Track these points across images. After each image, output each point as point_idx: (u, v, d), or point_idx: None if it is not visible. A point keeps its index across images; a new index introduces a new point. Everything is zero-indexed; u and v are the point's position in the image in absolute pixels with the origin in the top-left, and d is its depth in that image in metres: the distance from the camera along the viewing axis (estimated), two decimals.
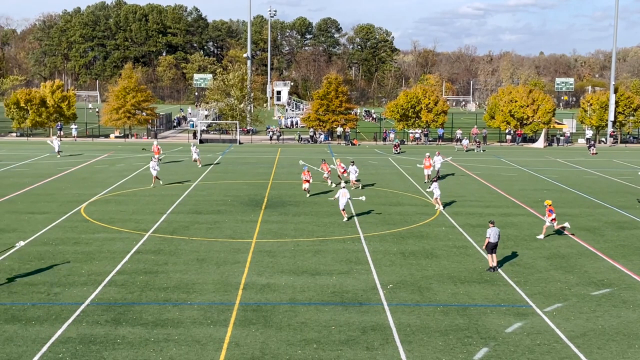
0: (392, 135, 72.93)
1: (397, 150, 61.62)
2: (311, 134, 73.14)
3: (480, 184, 42.38)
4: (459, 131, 73.02)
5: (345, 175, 40.16)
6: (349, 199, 31.13)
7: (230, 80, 77.06)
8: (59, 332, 17.12)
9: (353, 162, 40.86)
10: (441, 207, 33.20)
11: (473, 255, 25.00)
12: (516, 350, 16.47)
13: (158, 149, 49.71)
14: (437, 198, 33.28)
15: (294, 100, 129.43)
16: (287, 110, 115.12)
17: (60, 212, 31.66)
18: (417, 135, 73.76)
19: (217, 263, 23.52)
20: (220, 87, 77.97)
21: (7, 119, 73.65)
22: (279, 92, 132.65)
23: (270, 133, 74.98)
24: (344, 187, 31.55)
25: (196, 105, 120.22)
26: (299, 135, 73.84)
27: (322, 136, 73.27)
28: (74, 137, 71.59)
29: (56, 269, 22.55)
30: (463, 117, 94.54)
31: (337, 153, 60.34)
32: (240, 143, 69.62)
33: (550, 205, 28.12)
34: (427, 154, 44.78)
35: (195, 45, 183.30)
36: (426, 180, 41.98)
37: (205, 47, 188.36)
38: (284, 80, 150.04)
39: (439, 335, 17.36)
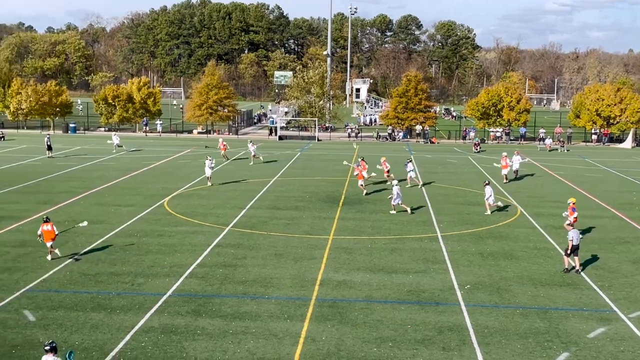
0: (472, 134, 71.80)
1: (477, 149, 60.65)
2: (389, 131, 72.83)
3: (564, 185, 41.24)
4: (542, 130, 71.22)
5: (389, 175, 39.78)
6: (399, 195, 31.58)
7: (310, 77, 77.54)
8: (142, 321, 17.69)
9: (410, 160, 40.58)
10: (489, 212, 31.89)
11: (555, 257, 24.37)
12: (598, 357, 15.99)
13: (224, 145, 50.23)
14: (489, 202, 32.09)
15: (372, 97, 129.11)
16: (365, 107, 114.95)
17: (144, 205, 32.67)
18: (498, 134, 72.37)
19: (294, 258, 23.77)
20: (300, 84, 78.56)
21: (96, 114, 76.42)
22: (358, 90, 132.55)
23: (349, 130, 75.10)
24: (397, 185, 31.88)
25: (276, 102, 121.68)
26: (377, 133, 73.63)
27: (401, 134, 72.86)
28: (159, 132, 73.64)
29: (140, 260, 23.29)
30: (546, 116, 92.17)
31: (415, 151, 59.90)
32: (318, 140, 70.01)
33: (573, 204, 27.41)
34: (504, 153, 43.88)
35: (276, 42, 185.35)
36: (505, 181, 41.19)
37: (286, 45, 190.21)
38: (363, 78, 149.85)
39: (517, 338, 17.03)
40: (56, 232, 23.31)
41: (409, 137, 72.81)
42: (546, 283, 21.40)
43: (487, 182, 32.79)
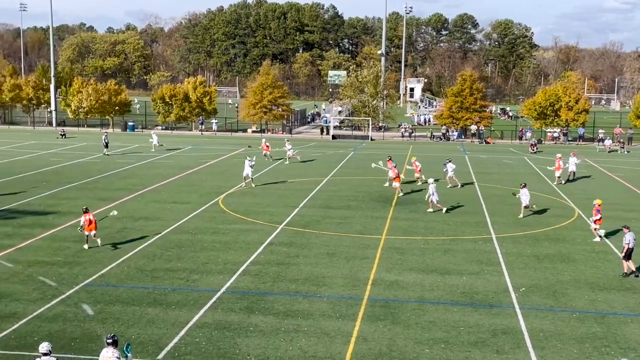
0: (528, 134, 70.60)
1: (533, 150, 59.59)
2: (444, 131, 72.19)
3: (623, 187, 40.20)
4: (601, 131, 69.54)
5: (420, 175, 39.47)
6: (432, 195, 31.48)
7: (364, 77, 77.42)
8: (196, 317, 17.97)
9: (450, 160, 40.22)
10: (522, 215, 31.10)
11: (613, 261, 23.78)
12: None
13: (267, 145, 50.30)
14: (525, 205, 31.31)
15: (427, 97, 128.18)
16: (419, 107, 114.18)
17: (200, 202, 33.14)
18: (555, 135, 70.98)
19: (346, 258, 23.79)
20: (354, 83, 78.51)
21: (154, 113, 77.85)
22: (412, 89, 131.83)
23: (402, 130, 74.71)
24: (433, 184, 31.72)
25: (330, 102, 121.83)
26: (431, 133, 73.07)
27: (455, 134, 72.14)
28: (214, 131, 74.60)
29: (195, 256, 23.65)
30: (606, 117, 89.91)
31: (470, 151, 59.23)
32: (372, 139, 69.86)
33: (599, 205, 26.75)
34: (558, 154, 43.04)
35: (330, 42, 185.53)
36: (562, 182, 40.43)
37: (341, 44, 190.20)
38: (417, 77, 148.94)
39: (574, 342, 16.70)
40: (96, 222, 24.70)
41: (463, 137, 72.02)
42: (604, 287, 20.92)
43: (523, 184, 32.13)
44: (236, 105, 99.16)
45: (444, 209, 31.54)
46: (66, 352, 15.49)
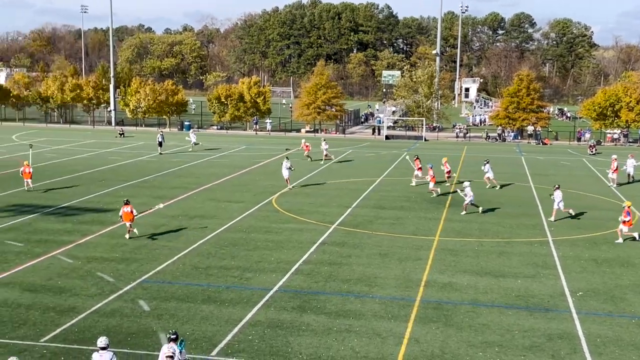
0: (587, 135, 69.05)
1: (592, 151, 58.25)
2: (499, 132, 71.17)
3: None
4: None
5: (451, 177, 39.10)
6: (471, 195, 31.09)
7: (419, 77, 76.94)
8: (249, 315, 18.14)
9: (488, 161, 39.75)
10: (553, 218, 30.18)
11: None
12: None
13: (307, 146, 50.18)
14: (559, 207, 30.42)
15: (482, 97, 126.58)
16: (475, 107, 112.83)
17: (253, 201, 33.45)
18: (615, 136, 69.23)
19: (399, 259, 23.68)
20: (408, 84, 78.09)
21: (209, 113, 78.88)
22: (467, 89, 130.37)
23: (457, 130, 73.94)
24: (469, 185, 31.25)
25: (383, 102, 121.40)
26: (487, 134, 72.11)
27: (511, 135, 71.03)
28: (268, 131, 75.16)
29: (248, 255, 23.88)
30: None
31: (526, 152, 58.25)
32: (425, 140, 69.36)
33: (629, 207, 26.14)
34: (614, 156, 41.95)
35: (385, 42, 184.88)
36: (611, 184, 39.49)
37: (395, 44, 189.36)
38: (472, 77, 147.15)
39: (633, 349, 16.27)
40: (135, 214, 25.85)
41: (519, 138, 70.87)
42: None
43: (557, 185, 31.38)
44: (290, 105, 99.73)
45: (480, 209, 31.29)
46: (123, 347, 15.83)
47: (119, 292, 19.71)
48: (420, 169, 39.29)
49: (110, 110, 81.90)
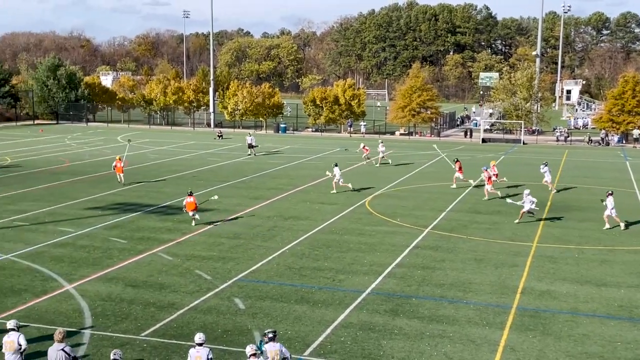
0: None
1: None
2: (602, 135, 68.48)
3: None
4: None
5: (499, 180, 37.76)
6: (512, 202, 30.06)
7: (518, 79, 75.10)
8: (342, 316, 18.22)
9: (546, 163, 38.60)
10: (608, 225, 28.61)
11: None
12: None
13: (366, 148, 49.42)
14: (611, 214, 28.82)
15: (585, 99, 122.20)
16: (576, 110, 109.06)
17: (347, 203, 33.56)
18: None
19: (495, 264, 23.20)
20: (507, 86, 76.36)
21: (304, 115, 79.75)
22: (568, 91, 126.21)
23: (557, 134, 71.69)
24: (529, 194, 29.64)
25: (480, 104, 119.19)
26: (589, 137, 69.55)
27: (615, 138, 68.23)
28: (363, 133, 75.26)
29: (341, 257, 23.99)
30: None
31: (631, 157, 55.80)
32: (524, 143, 67.60)
33: None
34: None
35: (483, 43, 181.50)
36: None
37: (493, 46, 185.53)
38: (575, 79, 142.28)
39: None
40: (197, 204, 28.31)
41: (624, 141, 67.98)
42: None
43: (610, 192, 29.69)
44: (385, 107, 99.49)
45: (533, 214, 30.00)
46: (219, 344, 16.22)
47: (216, 290, 20.22)
48: (461, 170, 38.71)
49: (210, 113, 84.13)
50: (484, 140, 68.71)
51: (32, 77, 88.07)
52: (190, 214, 28.28)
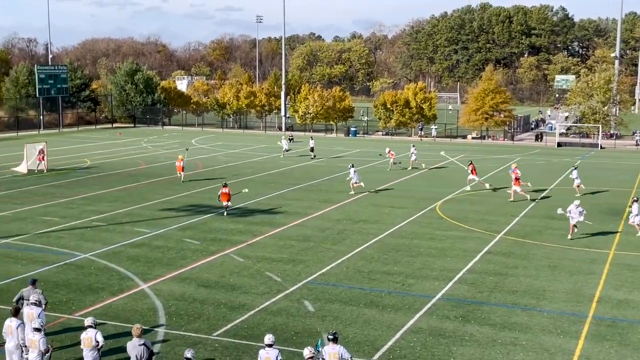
0: None
1: None
2: None
3: None
4: None
5: (524, 183, 36.57)
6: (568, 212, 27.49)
7: (595, 82, 72.95)
8: (411, 321, 18.09)
9: (576, 167, 37.60)
10: None
11: None
12: None
13: (392, 154, 48.40)
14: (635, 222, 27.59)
15: None
16: None
17: (417, 207, 33.31)
18: None
19: (570, 272, 22.60)
20: (584, 89, 74.28)
21: (375, 119, 79.57)
22: None
23: (637, 138, 69.24)
24: (576, 205, 27.46)
25: (555, 108, 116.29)
26: None
27: None
28: (433, 137, 74.57)
29: (411, 261, 23.83)
30: None
31: None
32: (601, 148, 65.60)
33: None
34: None
35: (559, 45, 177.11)
36: None
37: (570, 47, 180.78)
38: None
39: None
40: (230, 194, 31.09)
41: None
42: None
43: (636, 198, 28.36)
44: (457, 111, 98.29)
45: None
46: (288, 345, 16.35)
47: (286, 291, 20.39)
48: (474, 172, 38.44)
49: (281, 116, 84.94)
50: (559, 145, 67.01)
51: (111, 82, 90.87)
52: (224, 203, 31.11)
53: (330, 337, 13.47)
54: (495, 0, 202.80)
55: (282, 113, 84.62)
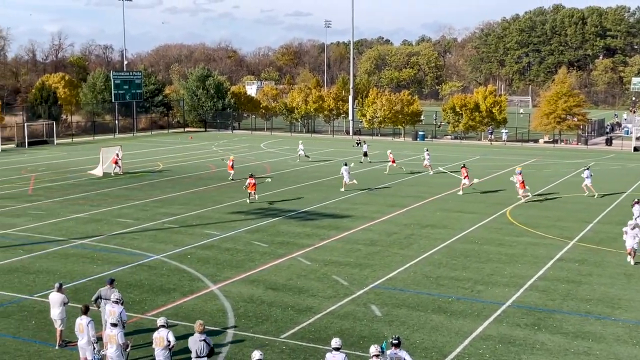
0: None
1: None
2: None
3: None
4: None
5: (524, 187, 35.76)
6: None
7: None
8: (480, 328, 17.83)
9: (588, 167, 36.95)
10: None
11: None
12: None
13: (392, 159, 47.62)
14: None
15: None
16: None
17: (486, 213, 32.81)
18: None
19: None
20: None
21: (444, 123, 78.72)
22: None
23: None
24: (633, 226, 24.68)
25: (632, 111, 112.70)
26: None
27: None
28: (504, 141, 73.30)
29: (480, 267, 23.49)
30: None
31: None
32: None
33: None
34: None
35: (635, 47, 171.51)
36: None
37: None
38: None
39: None
40: (255, 183, 34.75)
41: None
42: None
43: (637, 199, 27.89)
44: (528, 114, 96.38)
45: None
46: (355, 350, 16.35)
47: (352, 295, 20.40)
48: (467, 177, 38.30)
49: (349, 121, 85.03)
50: (635, 149, 64.86)
51: (183, 87, 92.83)
52: (250, 192, 34.84)
53: (395, 341, 13.42)
54: (568, 2, 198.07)
55: (350, 117, 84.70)
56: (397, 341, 13.43)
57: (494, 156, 58.75)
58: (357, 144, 68.50)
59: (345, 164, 40.06)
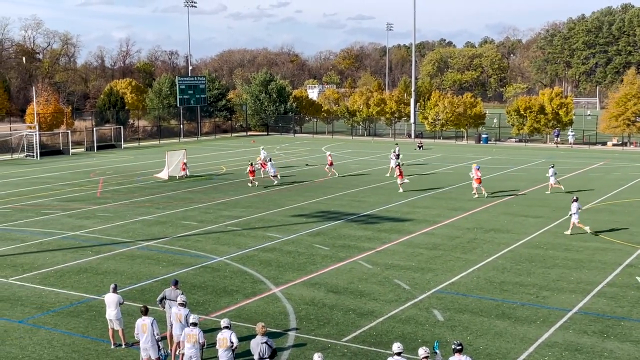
0: None
1: None
2: None
3: None
4: None
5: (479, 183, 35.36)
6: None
7: None
8: (546, 335, 17.45)
9: (552, 165, 36.46)
10: None
11: None
12: None
13: (330, 160, 47.03)
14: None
15: None
16: None
17: (552, 217, 32.11)
18: None
19: None
20: None
21: (507, 125, 77.52)
22: None
23: None
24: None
25: None
26: None
27: None
28: (570, 143, 71.63)
29: (546, 272, 22.99)
30: None
31: None
32: None
33: None
34: None
35: None
36: None
37: None
38: None
39: None
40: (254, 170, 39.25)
41: None
42: None
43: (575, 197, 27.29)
44: (596, 117, 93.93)
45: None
46: (416, 355, 16.19)
47: (414, 300, 20.25)
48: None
49: (411, 123, 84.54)
50: None
51: (246, 92, 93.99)
52: (250, 178, 41.40)
53: (458, 347, 13.23)
54: (637, 1, 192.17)
55: (412, 120, 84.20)
56: (459, 347, 13.24)
57: (561, 159, 57.43)
58: (419, 147, 68.00)
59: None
